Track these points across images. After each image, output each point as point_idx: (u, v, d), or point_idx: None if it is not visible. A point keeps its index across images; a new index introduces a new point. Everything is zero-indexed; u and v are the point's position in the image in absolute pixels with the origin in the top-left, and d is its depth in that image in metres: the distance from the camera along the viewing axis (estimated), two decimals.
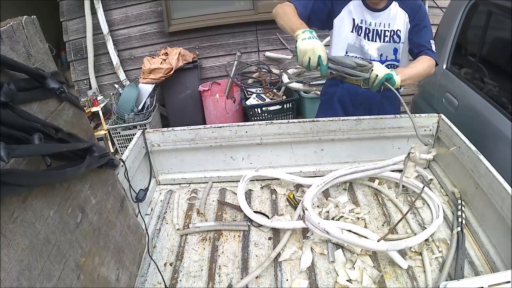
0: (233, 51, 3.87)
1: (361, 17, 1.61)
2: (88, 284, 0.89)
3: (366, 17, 1.61)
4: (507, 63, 1.82)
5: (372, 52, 1.64)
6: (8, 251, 0.65)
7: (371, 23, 1.61)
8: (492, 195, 1.26)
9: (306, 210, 1.22)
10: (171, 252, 1.39)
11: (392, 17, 1.60)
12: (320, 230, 1.17)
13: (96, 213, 1.00)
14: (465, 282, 0.99)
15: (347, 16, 1.63)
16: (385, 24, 1.60)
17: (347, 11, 1.62)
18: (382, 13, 1.59)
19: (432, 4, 3.68)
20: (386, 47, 1.63)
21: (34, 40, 0.86)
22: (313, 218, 1.18)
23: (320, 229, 1.17)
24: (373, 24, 1.61)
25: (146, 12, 3.69)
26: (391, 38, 1.61)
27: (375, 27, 1.61)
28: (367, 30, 1.62)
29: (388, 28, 1.60)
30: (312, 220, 1.18)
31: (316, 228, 1.18)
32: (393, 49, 1.63)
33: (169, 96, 3.71)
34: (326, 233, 1.16)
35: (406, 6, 1.59)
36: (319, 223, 1.17)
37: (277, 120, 1.66)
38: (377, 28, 1.61)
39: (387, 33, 1.61)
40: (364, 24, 1.62)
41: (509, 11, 1.71)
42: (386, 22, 1.60)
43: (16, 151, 0.62)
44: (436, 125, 1.67)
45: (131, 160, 1.52)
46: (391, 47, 1.63)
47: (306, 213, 1.21)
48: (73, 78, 3.89)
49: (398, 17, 1.59)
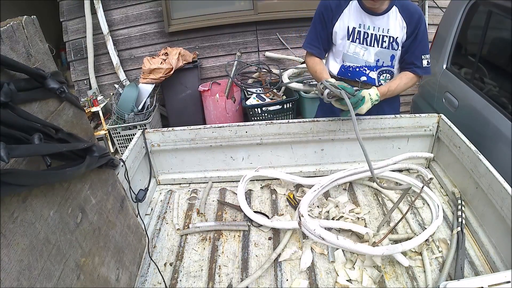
0: (233, 51, 3.87)
1: (359, 21, 1.58)
2: (88, 284, 0.89)
3: (364, 21, 1.57)
4: (507, 63, 1.82)
5: (369, 58, 1.61)
6: (8, 251, 0.65)
7: (369, 27, 1.57)
8: (492, 195, 1.26)
9: (302, 216, 1.22)
10: (171, 252, 1.39)
11: (391, 23, 1.56)
12: (316, 237, 1.18)
13: (96, 213, 1.00)
14: (465, 282, 0.99)
15: (341, 27, 1.60)
16: (383, 29, 1.57)
17: (341, 21, 1.59)
18: (381, 17, 1.56)
19: (432, 4, 3.67)
20: (384, 53, 1.60)
21: (34, 40, 0.86)
22: (309, 225, 1.20)
23: (315, 235, 1.18)
24: (371, 28, 1.57)
25: (146, 12, 3.68)
26: (389, 44, 1.58)
27: (373, 31, 1.57)
28: (366, 34, 1.59)
29: (386, 34, 1.57)
30: (308, 227, 1.20)
31: (311, 234, 1.19)
32: (391, 55, 1.61)
33: (169, 96, 3.71)
34: (321, 239, 1.17)
35: (406, 14, 1.55)
36: (314, 230, 1.18)
37: (277, 120, 1.66)
38: (375, 33, 1.57)
39: (385, 38, 1.58)
40: (362, 28, 1.58)
41: (509, 11, 1.71)
42: (385, 28, 1.56)
43: (16, 151, 0.62)
44: (436, 125, 1.67)
45: (131, 160, 1.52)
46: (389, 54, 1.61)
47: (302, 220, 1.22)
48: (73, 78, 3.89)
49: (397, 24, 1.56)
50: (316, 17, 1.66)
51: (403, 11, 1.56)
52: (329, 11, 1.60)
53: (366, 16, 1.56)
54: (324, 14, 1.61)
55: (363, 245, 1.18)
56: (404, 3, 1.56)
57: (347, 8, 1.58)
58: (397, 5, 1.56)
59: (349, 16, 1.58)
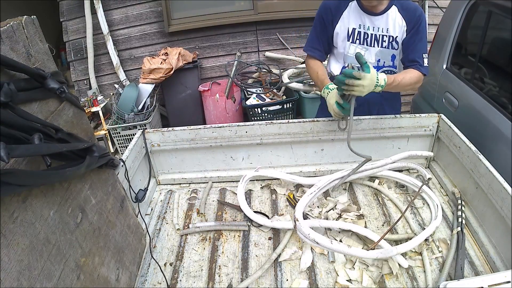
0: (233, 51, 3.87)
1: (359, 21, 1.57)
2: (88, 284, 0.89)
3: (364, 21, 1.57)
4: (507, 63, 1.82)
5: (370, 58, 1.61)
6: (8, 251, 0.65)
7: (369, 27, 1.57)
8: (492, 195, 1.26)
9: (297, 221, 1.23)
10: (171, 252, 1.38)
11: (390, 23, 1.55)
12: (310, 241, 1.18)
13: (96, 213, 1.00)
14: (465, 282, 0.99)
15: (342, 29, 1.59)
16: (383, 29, 1.56)
17: (342, 23, 1.59)
18: (380, 17, 1.55)
19: (432, 4, 3.68)
20: (385, 53, 1.60)
21: (34, 40, 0.86)
22: (303, 229, 1.20)
23: (310, 239, 1.18)
24: (371, 28, 1.57)
25: (146, 12, 3.69)
26: (389, 44, 1.58)
27: (373, 31, 1.57)
28: (366, 35, 1.58)
29: (386, 33, 1.57)
30: (303, 231, 1.20)
31: (306, 239, 1.20)
32: (391, 55, 1.60)
33: (169, 96, 3.71)
34: (316, 243, 1.18)
35: (405, 13, 1.55)
36: (309, 234, 1.18)
37: (277, 120, 1.66)
38: (375, 33, 1.57)
39: (385, 38, 1.57)
40: (362, 29, 1.57)
41: (509, 11, 1.71)
42: (385, 27, 1.56)
43: (16, 151, 0.62)
44: (436, 125, 1.67)
45: (131, 160, 1.52)
46: (389, 53, 1.60)
47: (297, 224, 1.22)
48: (73, 78, 3.89)
49: (396, 23, 1.55)
50: (316, 19, 1.65)
51: (403, 10, 1.55)
52: (329, 13, 1.60)
53: (366, 16, 1.56)
54: (324, 17, 1.61)
55: (357, 249, 1.18)
56: (403, 2, 1.56)
57: (346, 10, 1.58)
58: (397, 5, 1.55)
59: (349, 17, 1.58)
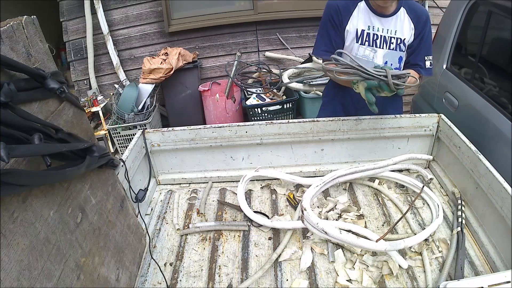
0: (233, 51, 3.87)
1: (368, 23, 1.55)
2: (88, 284, 0.89)
3: (374, 23, 1.55)
4: (507, 63, 1.82)
5: (378, 60, 1.60)
6: (8, 251, 0.65)
7: (378, 28, 1.55)
8: (492, 195, 1.26)
9: (305, 210, 1.22)
10: (171, 252, 1.39)
11: (399, 24, 1.55)
12: (319, 230, 1.17)
13: (96, 213, 1.00)
14: (465, 282, 0.99)
15: (352, 29, 1.57)
16: (392, 31, 1.55)
17: (351, 23, 1.57)
18: (390, 19, 1.54)
19: (432, 4, 3.67)
20: (392, 54, 1.59)
21: (34, 40, 0.86)
22: (312, 218, 1.18)
23: (318, 229, 1.17)
24: (381, 30, 1.55)
25: (146, 12, 3.69)
26: (397, 46, 1.57)
27: (382, 33, 1.56)
28: (375, 36, 1.56)
29: (394, 35, 1.56)
30: (311, 221, 1.19)
31: (314, 228, 1.18)
32: (399, 57, 1.59)
33: (169, 96, 3.71)
34: (324, 233, 1.16)
35: (413, 15, 1.55)
36: (317, 224, 1.17)
37: (277, 120, 1.66)
38: (384, 34, 1.56)
39: (393, 40, 1.56)
40: (372, 30, 1.56)
41: (509, 11, 1.71)
42: (393, 29, 1.55)
43: (16, 151, 0.62)
44: (436, 125, 1.67)
45: (131, 160, 1.52)
46: (396, 55, 1.59)
47: (304, 214, 1.22)
48: (73, 78, 3.89)
49: (405, 25, 1.55)
50: (325, 21, 1.61)
51: (411, 12, 1.55)
52: (338, 13, 1.57)
53: (375, 17, 1.55)
54: (334, 17, 1.58)
55: (366, 240, 1.17)
56: (410, 4, 1.56)
57: (355, 10, 1.56)
58: (405, 6, 1.55)
59: (358, 18, 1.56)
